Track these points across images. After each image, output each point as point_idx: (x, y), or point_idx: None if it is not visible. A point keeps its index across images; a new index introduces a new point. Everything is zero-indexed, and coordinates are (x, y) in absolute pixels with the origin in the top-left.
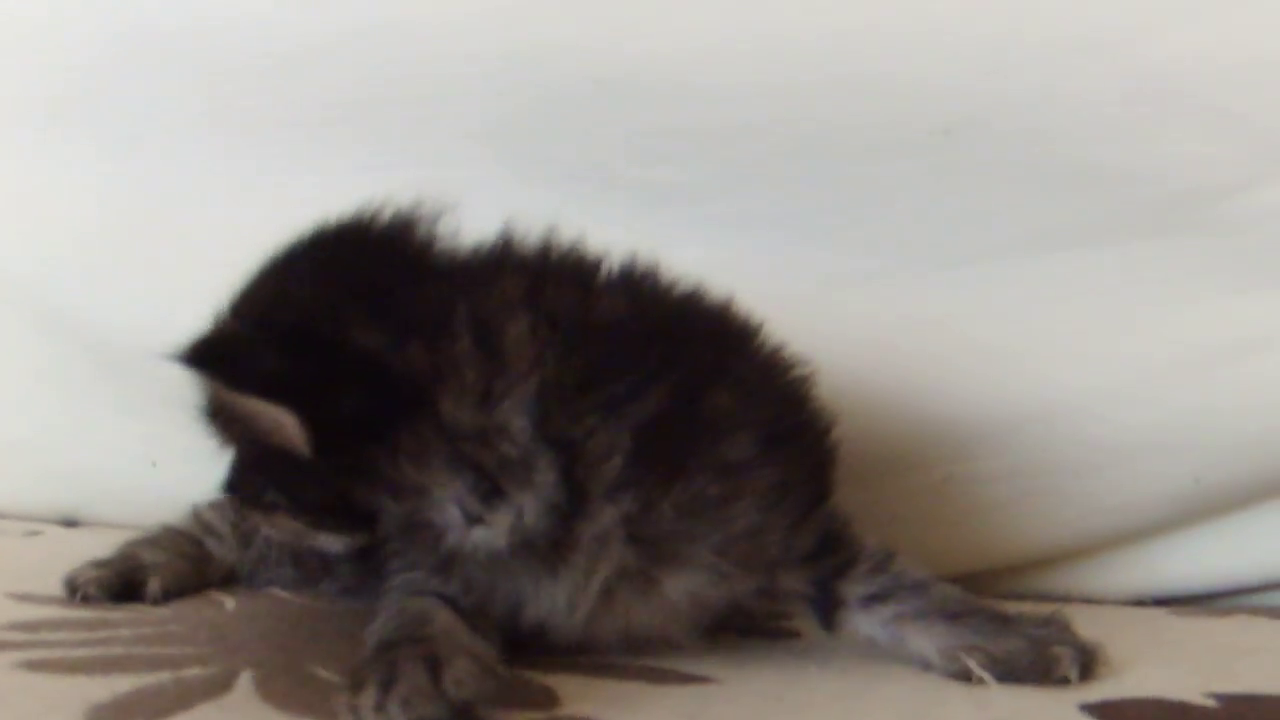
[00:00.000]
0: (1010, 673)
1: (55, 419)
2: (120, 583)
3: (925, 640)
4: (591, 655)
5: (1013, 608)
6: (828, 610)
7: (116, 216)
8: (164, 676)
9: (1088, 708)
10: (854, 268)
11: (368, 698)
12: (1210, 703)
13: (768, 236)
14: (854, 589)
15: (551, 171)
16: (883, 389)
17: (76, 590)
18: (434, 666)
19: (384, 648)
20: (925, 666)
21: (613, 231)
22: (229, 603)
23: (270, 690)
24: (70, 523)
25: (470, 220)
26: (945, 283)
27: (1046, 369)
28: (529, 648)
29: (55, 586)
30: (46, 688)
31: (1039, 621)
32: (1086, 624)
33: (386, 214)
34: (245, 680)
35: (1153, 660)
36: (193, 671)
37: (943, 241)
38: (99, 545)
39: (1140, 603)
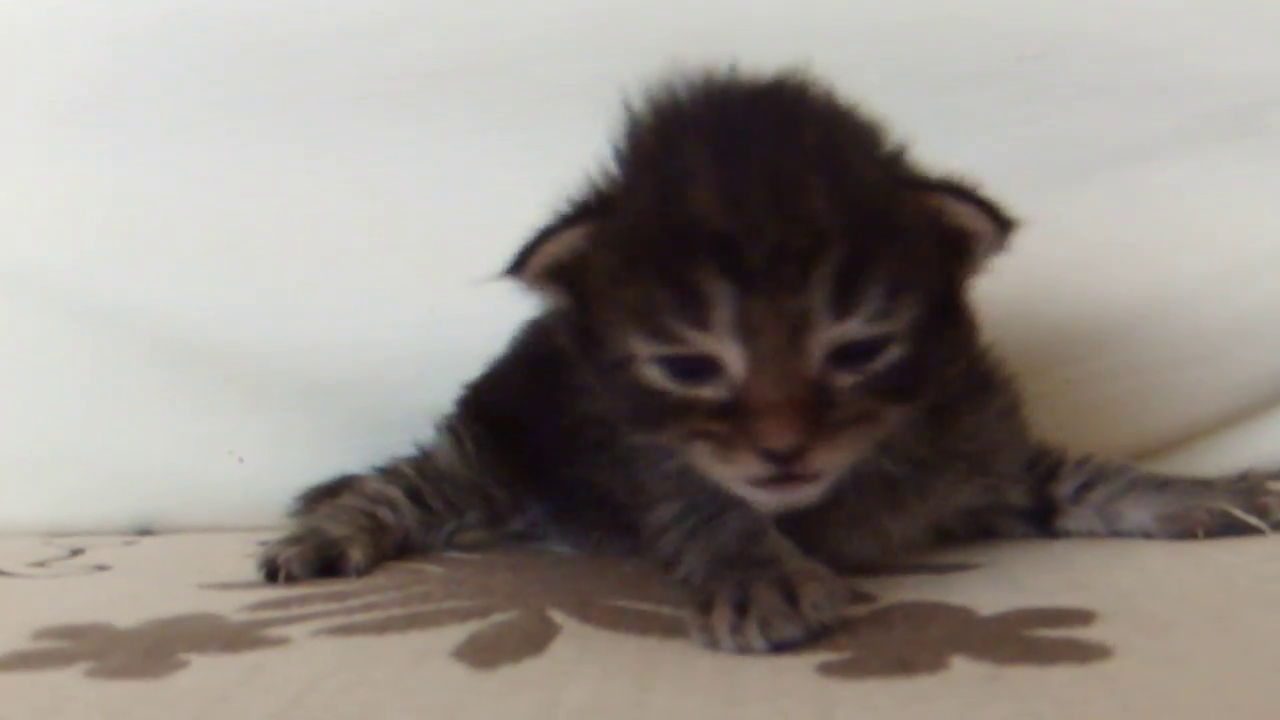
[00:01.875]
0: (1232, 524)
1: (118, 425)
2: (319, 558)
3: (1142, 511)
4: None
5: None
6: (1044, 517)
7: (162, 211)
8: (481, 624)
9: None
10: None
11: (721, 618)
12: None
13: None
14: (1064, 487)
15: None
16: (994, 303)
17: (278, 570)
18: (788, 588)
19: (721, 564)
20: (1145, 536)
21: None
22: (431, 568)
23: (598, 620)
24: (145, 532)
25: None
26: (1041, 199)
27: (1147, 270)
28: None
29: (233, 576)
30: (383, 645)
31: (1235, 480)
32: None
33: None
34: (561, 616)
35: None
36: (502, 618)
37: (1036, 160)
38: (213, 547)
39: None
